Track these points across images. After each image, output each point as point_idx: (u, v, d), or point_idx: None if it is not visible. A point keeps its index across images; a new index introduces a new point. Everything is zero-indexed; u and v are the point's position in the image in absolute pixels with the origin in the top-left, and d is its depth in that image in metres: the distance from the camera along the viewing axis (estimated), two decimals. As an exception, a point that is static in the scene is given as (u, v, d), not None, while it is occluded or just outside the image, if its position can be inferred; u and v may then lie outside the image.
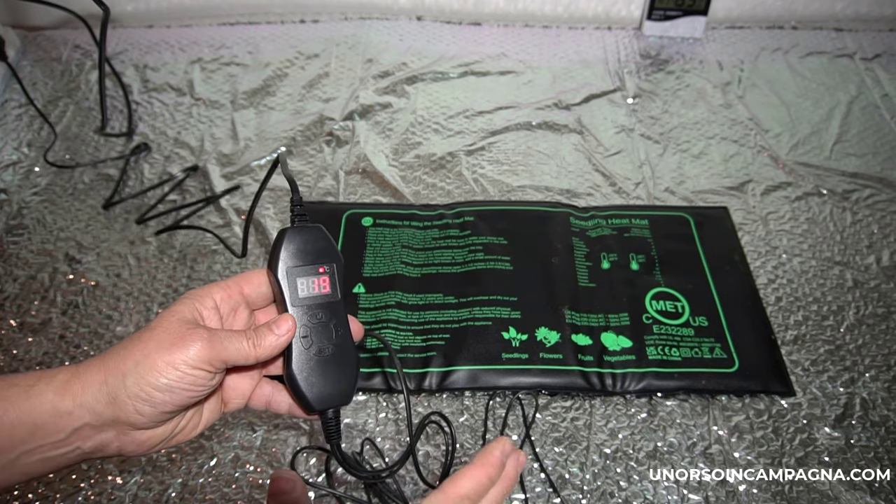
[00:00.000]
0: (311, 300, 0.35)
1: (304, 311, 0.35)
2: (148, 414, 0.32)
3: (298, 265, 0.35)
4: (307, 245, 0.36)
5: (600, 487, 0.52)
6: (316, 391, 0.35)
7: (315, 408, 0.36)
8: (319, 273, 0.35)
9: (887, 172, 0.76)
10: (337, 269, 0.36)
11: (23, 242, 0.68)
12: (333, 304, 0.36)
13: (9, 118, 0.82)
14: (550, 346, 0.58)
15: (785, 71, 0.90)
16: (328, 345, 0.36)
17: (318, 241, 0.36)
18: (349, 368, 0.36)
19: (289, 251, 0.35)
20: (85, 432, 0.31)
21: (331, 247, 0.36)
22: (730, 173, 0.76)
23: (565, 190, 0.74)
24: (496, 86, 0.87)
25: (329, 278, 0.36)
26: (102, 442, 0.32)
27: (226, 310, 0.36)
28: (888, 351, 0.60)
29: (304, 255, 0.35)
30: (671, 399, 0.57)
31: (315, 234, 0.36)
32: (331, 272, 0.36)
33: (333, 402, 0.36)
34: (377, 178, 0.75)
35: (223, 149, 0.78)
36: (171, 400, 0.32)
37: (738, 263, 0.66)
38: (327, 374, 0.36)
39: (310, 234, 0.36)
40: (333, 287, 0.36)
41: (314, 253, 0.36)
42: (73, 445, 0.32)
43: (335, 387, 0.36)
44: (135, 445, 0.33)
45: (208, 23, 0.97)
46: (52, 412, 0.31)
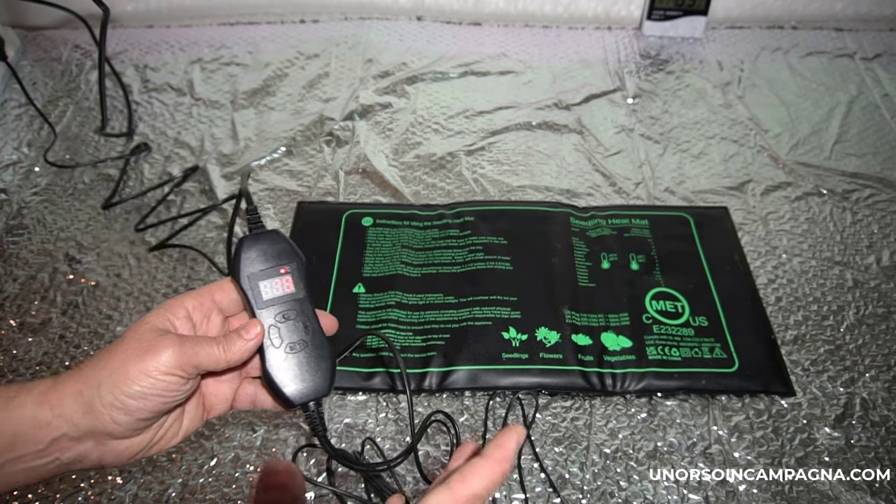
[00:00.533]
0: (277, 300, 0.37)
1: (271, 312, 0.36)
2: (123, 422, 0.32)
3: (259, 269, 0.37)
4: (266, 249, 0.37)
5: (600, 487, 0.52)
6: (293, 386, 0.36)
7: (294, 402, 0.36)
8: (281, 273, 0.37)
9: (887, 172, 0.76)
10: (299, 267, 0.37)
11: (23, 242, 0.68)
12: (299, 300, 0.37)
13: (9, 118, 0.82)
14: (550, 346, 0.58)
15: (785, 71, 0.90)
16: (299, 340, 0.37)
17: (276, 244, 0.37)
18: (324, 361, 0.37)
19: (249, 258, 0.36)
20: (63, 443, 0.32)
21: (290, 248, 0.38)
22: (730, 173, 0.76)
23: (565, 190, 0.74)
24: (496, 86, 0.87)
25: (292, 277, 0.37)
26: (81, 453, 0.33)
27: (198, 317, 0.36)
28: (888, 351, 0.60)
29: (265, 259, 0.37)
30: (671, 399, 0.57)
31: (272, 237, 0.37)
32: (292, 271, 0.37)
33: (312, 394, 0.37)
34: (377, 178, 0.75)
35: (223, 149, 0.78)
36: (146, 406, 0.33)
37: (738, 263, 0.66)
38: (302, 369, 0.37)
39: (267, 238, 0.37)
40: (297, 285, 0.37)
41: (274, 255, 0.37)
42: (53, 456, 0.32)
43: (312, 379, 0.37)
44: (114, 455, 0.34)
45: (208, 23, 0.97)
46: (32, 422, 0.31)
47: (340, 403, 0.56)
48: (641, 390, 0.56)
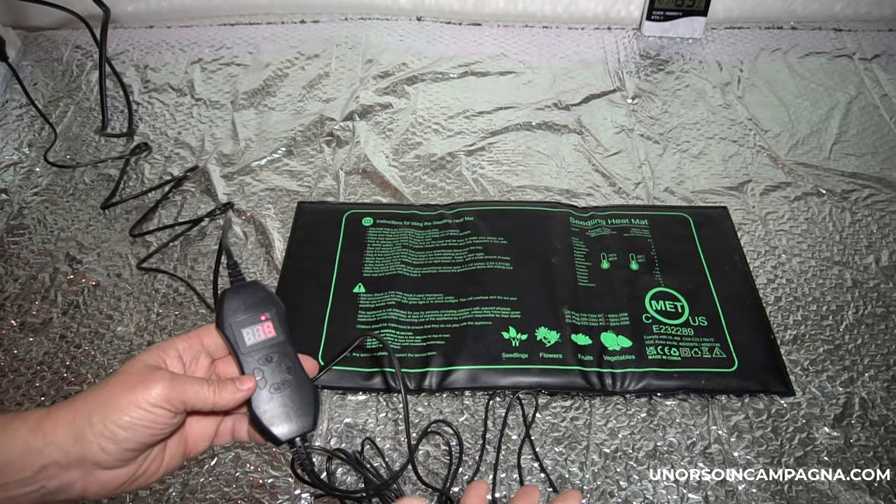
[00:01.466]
0: (259, 345, 0.39)
1: (254, 357, 0.39)
2: (112, 451, 0.33)
3: (241, 318, 0.39)
4: (248, 299, 0.40)
5: (600, 487, 0.52)
6: (279, 425, 0.39)
7: (282, 440, 0.39)
8: (262, 321, 0.39)
9: (886, 172, 0.76)
10: (278, 314, 0.40)
11: (23, 242, 0.68)
12: (280, 344, 0.40)
13: (9, 118, 0.82)
14: (550, 345, 0.58)
15: (784, 71, 0.90)
16: (282, 380, 0.39)
17: (256, 294, 0.40)
18: (307, 398, 0.39)
19: (231, 308, 0.39)
20: (51, 471, 0.33)
21: (269, 296, 0.40)
22: (729, 173, 0.76)
23: (565, 190, 0.74)
24: (496, 86, 0.87)
25: (272, 323, 0.40)
26: (67, 481, 0.33)
27: (188, 358, 0.39)
28: (887, 350, 0.60)
29: (247, 309, 0.39)
30: (671, 399, 0.57)
31: (252, 288, 0.40)
32: (272, 317, 0.40)
33: (298, 431, 0.39)
34: (377, 178, 0.75)
35: (223, 149, 0.78)
36: (133, 437, 0.34)
37: (737, 263, 0.66)
38: (287, 407, 0.39)
39: (248, 289, 0.40)
40: (277, 330, 0.40)
41: (255, 304, 0.40)
42: (38, 484, 0.33)
43: (297, 417, 0.39)
44: (98, 486, 0.34)
45: (209, 23, 0.97)
46: (24, 449, 0.32)
47: (340, 403, 0.56)
48: (641, 390, 0.57)
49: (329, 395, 0.57)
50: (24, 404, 0.56)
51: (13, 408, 0.56)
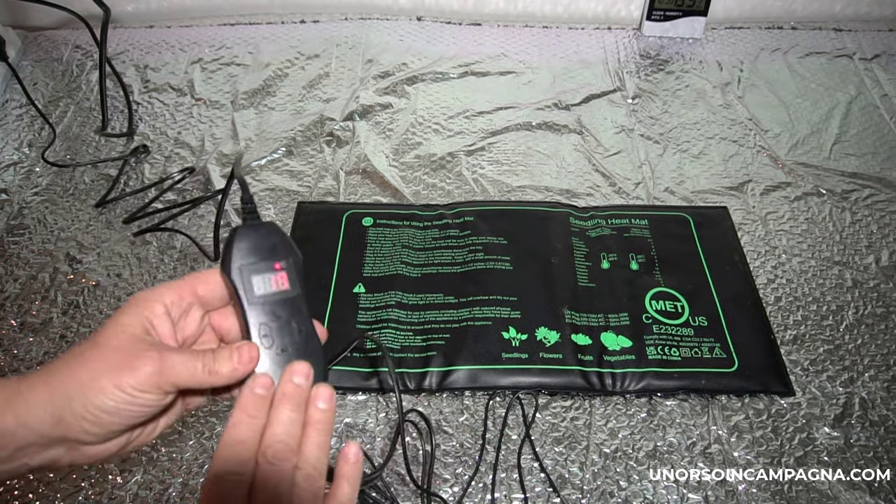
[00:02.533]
0: (269, 297, 0.33)
1: (262, 310, 0.33)
2: (96, 433, 0.31)
3: (253, 262, 0.33)
4: (261, 242, 0.34)
5: (600, 487, 0.52)
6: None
7: None
8: (276, 270, 0.34)
9: (886, 172, 0.76)
10: (295, 265, 0.34)
11: (23, 242, 0.68)
12: (294, 299, 0.34)
13: (9, 118, 0.82)
14: (550, 345, 0.58)
15: (784, 71, 0.90)
16: (291, 342, 0.34)
17: (272, 238, 0.34)
18: (315, 367, 0.34)
19: (242, 250, 0.33)
20: (31, 451, 0.30)
21: (287, 243, 0.35)
22: (729, 173, 0.76)
23: (565, 190, 0.74)
24: (496, 86, 0.87)
25: (287, 274, 0.34)
26: (51, 457, 0.31)
27: (177, 313, 0.34)
28: (887, 350, 0.60)
29: (259, 253, 0.34)
30: (671, 399, 0.57)
31: (269, 230, 0.35)
32: (288, 268, 0.34)
33: None
34: (377, 178, 0.75)
35: (223, 149, 0.78)
36: (120, 420, 0.31)
37: (737, 263, 0.66)
38: None
39: (263, 230, 0.34)
40: (293, 283, 0.34)
41: (269, 250, 0.34)
42: (20, 461, 0.31)
43: None
44: (87, 458, 0.32)
45: (209, 23, 0.97)
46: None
47: (340, 403, 0.56)
48: (641, 390, 0.57)
49: (329, 395, 0.57)
50: (24, 404, 0.56)
51: (13, 408, 0.56)
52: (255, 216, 0.35)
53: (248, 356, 0.32)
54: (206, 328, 0.35)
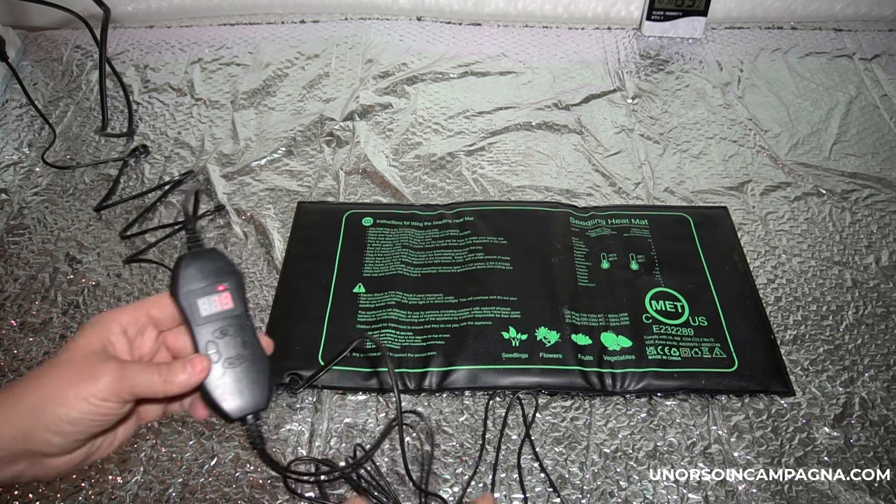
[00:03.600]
0: (215, 317, 0.37)
1: (209, 328, 0.37)
2: (59, 444, 0.33)
3: (197, 287, 0.37)
4: (204, 267, 0.37)
5: (600, 487, 0.52)
6: (231, 401, 0.37)
7: (232, 417, 0.37)
8: (219, 291, 0.37)
9: (886, 172, 0.76)
10: (237, 285, 0.38)
11: (23, 242, 0.68)
12: (237, 317, 0.37)
13: (9, 118, 0.82)
14: (550, 345, 0.58)
15: (784, 71, 0.90)
16: (237, 355, 0.37)
17: (215, 262, 0.38)
18: (261, 375, 0.37)
19: (187, 276, 0.37)
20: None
21: (228, 265, 0.38)
22: (729, 173, 0.76)
23: (565, 190, 0.74)
24: (496, 86, 0.87)
25: (230, 294, 0.37)
26: (14, 472, 0.33)
27: (133, 332, 0.36)
28: (887, 350, 0.60)
29: (203, 277, 0.37)
30: (671, 399, 0.57)
31: (211, 256, 0.38)
32: (231, 288, 0.37)
33: (250, 408, 0.37)
34: (377, 178, 0.75)
35: (223, 149, 0.78)
36: (83, 430, 0.33)
37: (737, 263, 0.66)
38: (240, 383, 0.37)
39: (206, 257, 0.38)
40: (236, 301, 0.37)
41: (213, 273, 0.37)
42: None
43: (250, 394, 0.37)
44: (48, 470, 0.34)
45: (208, 23, 0.97)
46: None
47: (340, 403, 0.56)
48: (641, 390, 0.57)
49: (329, 394, 0.57)
50: (24, 404, 0.56)
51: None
52: (198, 243, 0.39)
53: (200, 367, 0.35)
54: (161, 347, 0.38)
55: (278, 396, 0.57)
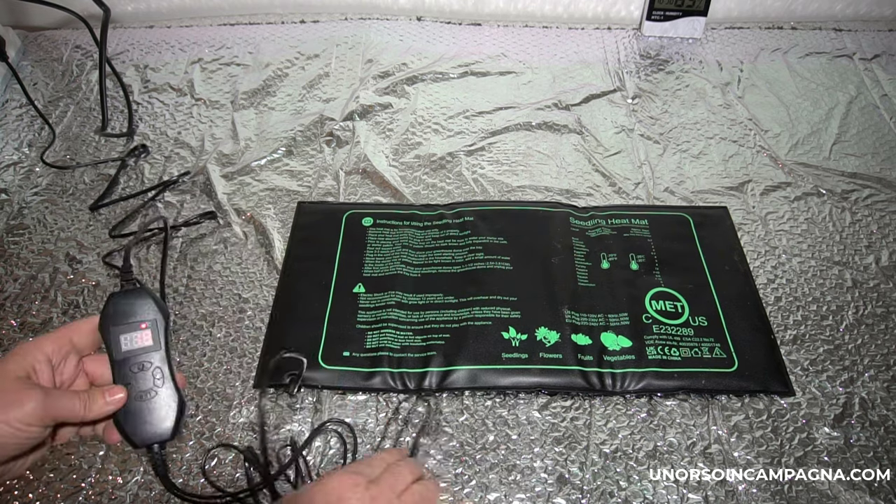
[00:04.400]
0: (133, 353, 0.41)
1: (126, 363, 0.41)
2: None
3: (122, 324, 0.41)
4: (132, 305, 0.42)
5: (600, 487, 0.52)
6: (138, 430, 0.41)
7: (137, 445, 0.41)
8: (141, 328, 0.42)
9: (886, 172, 0.76)
10: (159, 323, 0.42)
11: (23, 242, 0.68)
12: (154, 353, 0.42)
13: (9, 118, 0.82)
14: (550, 345, 0.58)
15: (784, 71, 0.90)
16: (149, 389, 0.41)
17: (141, 301, 0.42)
18: (170, 409, 0.41)
19: (115, 312, 0.41)
20: None
21: (154, 304, 0.42)
22: (729, 173, 0.76)
23: (565, 190, 0.74)
24: (496, 86, 0.87)
25: (151, 332, 0.42)
26: None
27: (57, 360, 0.40)
28: (887, 350, 0.60)
29: (127, 315, 0.42)
30: (671, 399, 0.57)
31: (139, 294, 0.42)
32: (152, 326, 0.42)
33: (155, 438, 0.41)
34: (377, 178, 0.75)
35: (223, 149, 0.78)
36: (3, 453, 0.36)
37: (737, 263, 0.66)
38: (148, 415, 0.41)
39: (134, 296, 0.42)
40: (155, 339, 0.42)
41: (138, 311, 0.42)
42: None
43: (155, 426, 0.41)
44: None
45: (208, 23, 0.97)
46: None
47: (341, 403, 0.56)
48: (641, 390, 0.57)
49: (329, 394, 0.57)
50: (24, 404, 0.56)
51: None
52: (130, 281, 0.43)
53: (117, 397, 0.40)
54: (80, 373, 0.41)
55: (278, 397, 0.57)
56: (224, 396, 0.57)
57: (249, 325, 0.61)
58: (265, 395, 0.57)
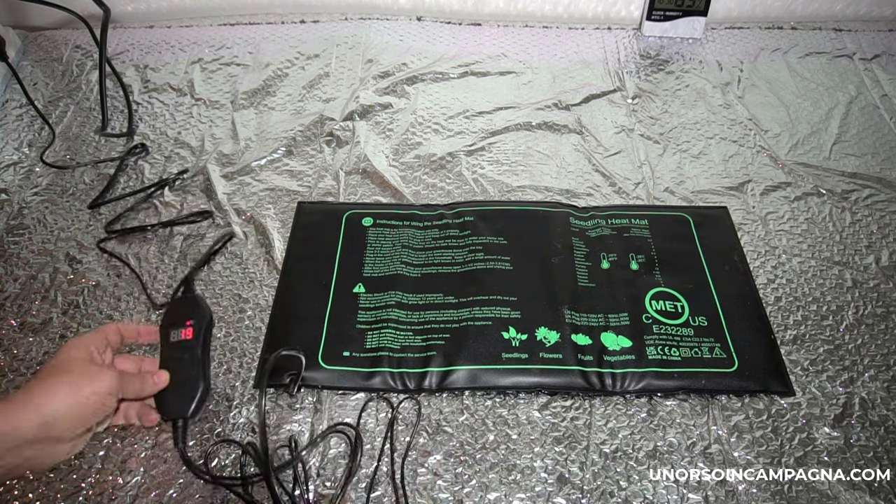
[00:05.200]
0: (178, 344, 0.53)
1: (171, 349, 0.53)
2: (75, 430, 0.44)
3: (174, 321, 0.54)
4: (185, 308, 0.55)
5: (600, 487, 0.52)
6: (164, 405, 0.51)
7: (164, 418, 0.52)
8: (186, 325, 0.53)
9: (886, 172, 0.76)
10: (201, 322, 0.54)
11: (23, 242, 0.68)
12: (192, 346, 0.53)
13: (9, 118, 0.82)
14: (550, 345, 0.58)
15: (784, 71, 0.90)
16: (182, 374, 0.52)
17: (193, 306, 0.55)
18: (192, 392, 0.51)
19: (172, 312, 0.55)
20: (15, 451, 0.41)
21: (202, 308, 0.55)
22: (729, 173, 0.76)
23: (565, 190, 0.74)
24: (496, 86, 0.87)
25: (193, 329, 0.53)
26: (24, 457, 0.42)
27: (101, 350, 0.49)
28: (887, 350, 0.60)
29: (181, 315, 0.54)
30: (671, 399, 0.57)
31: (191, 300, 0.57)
32: (195, 324, 0.53)
33: (177, 414, 0.51)
34: (377, 178, 0.75)
35: (223, 149, 0.78)
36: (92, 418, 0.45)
37: (737, 263, 0.66)
38: (176, 394, 0.51)
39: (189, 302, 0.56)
40: (196, 336, 0.53)
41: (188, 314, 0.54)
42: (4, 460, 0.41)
43: (178, 403, 0.51)
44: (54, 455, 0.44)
45: (208, 23, 0.97)
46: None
47: (341, 403, 0.56)
48: (641, 390, 0.57)
49: (329, 395, 0.57)
50: (24, 404, 0.56)
51: (13, 408, 0.56)
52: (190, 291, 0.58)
53: (162, 379, 0.51)
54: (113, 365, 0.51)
55: (278, 397, 0.57)
56: (224, 396, 0.56)
57: (249, 325, 0.61)
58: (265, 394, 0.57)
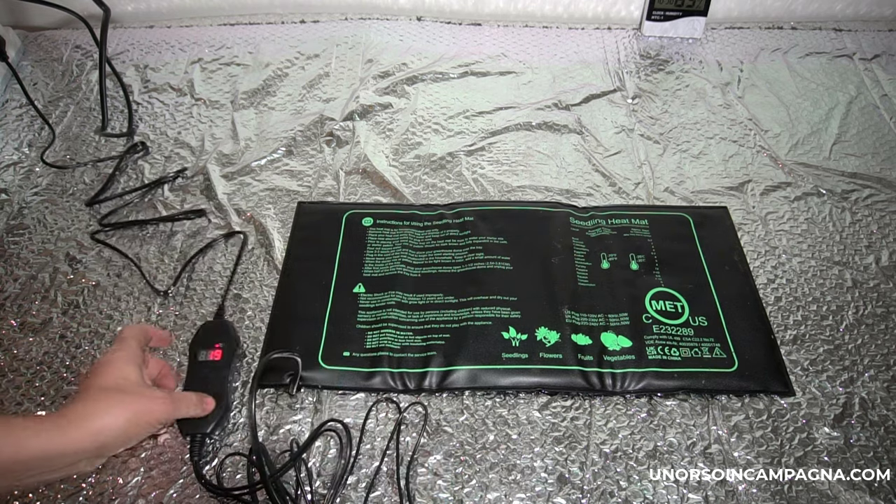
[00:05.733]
0: (206, 364, 0.55)
1: (198, 368, 0.55)
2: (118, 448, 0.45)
3: (204, 342, 0.57)
4: (215, 331, 0.58)
5: (600, 487, 0.52)
6: (187, 422, 0.52)
7: (183, 434, 0.52)
8: (216, 347, 0.56)
9: (886, 172, 0.76)
10: (230, 347, 0.56)
11: (23, 242, 0.68)
12: (219, 367, 0.55)
13: (9, 118, 0.82)
14: (550, 345, 0.58)
15: (784, 71, 0.90)
16: (206, 392, 0.53)
17: (221, 329, 0.58)
18: (216, 411, 0.53)
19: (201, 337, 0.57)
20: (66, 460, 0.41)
21: (231, 333, 0.58)
22: (729, 173, 0.76)
23: (565, 190, 0.74)
24: (496, 86, 0.87)
25: (222, 352, 0.56)
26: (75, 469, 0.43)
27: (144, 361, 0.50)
28: (887, 350, 0.60)
29: (210, 337, 0.57)
30: (671, 399, 0.57)
31: (222, 325, 0.59)
32: (224, 348, 0.56)
33: (196, 429, 0.52)
34: (377, 178, 0.75)
35: (223, 149, 0.78)
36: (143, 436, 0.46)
37: (737, 263, 0.66)
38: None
39: (219, 326, 0.59)
40: (224, 358, 0.56)
41: (217, 335, 0.57)
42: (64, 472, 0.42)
43: (200, 419, 0.52)
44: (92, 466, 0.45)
45: (208, 23, 0.97)
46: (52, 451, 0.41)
47: (341, 403, 0.56)
48: (641, 390, 0.57)
49: (329, 395, 0.57)
50: (24, 404, 0.56)
51: (13, 408, 0.56)
52: (219, 316, 0.61)
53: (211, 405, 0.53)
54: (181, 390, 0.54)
55: (278, 397, 0.57)
56: (224, 396, 0.56)
57: (249, 325, 0.61)
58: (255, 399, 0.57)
